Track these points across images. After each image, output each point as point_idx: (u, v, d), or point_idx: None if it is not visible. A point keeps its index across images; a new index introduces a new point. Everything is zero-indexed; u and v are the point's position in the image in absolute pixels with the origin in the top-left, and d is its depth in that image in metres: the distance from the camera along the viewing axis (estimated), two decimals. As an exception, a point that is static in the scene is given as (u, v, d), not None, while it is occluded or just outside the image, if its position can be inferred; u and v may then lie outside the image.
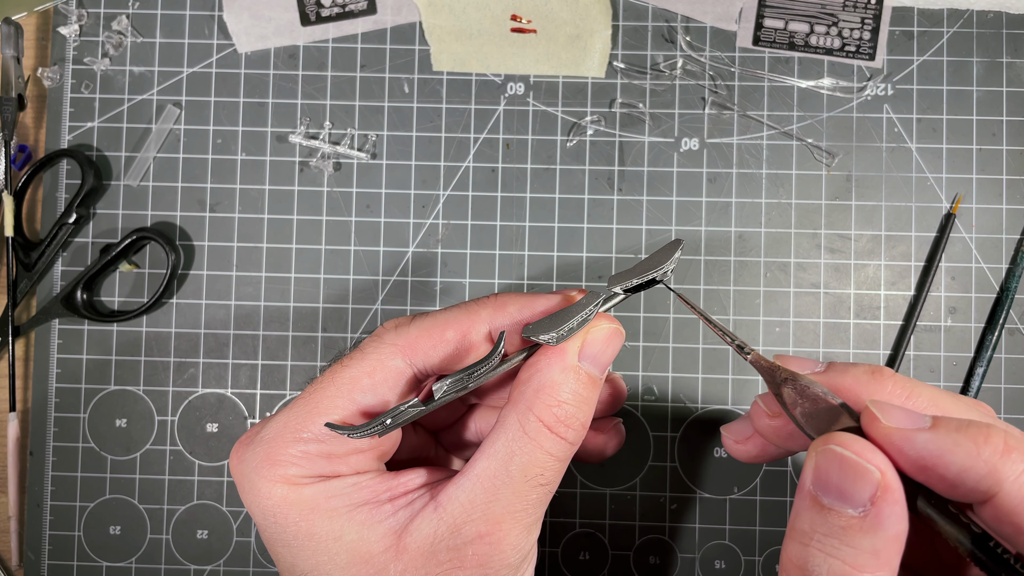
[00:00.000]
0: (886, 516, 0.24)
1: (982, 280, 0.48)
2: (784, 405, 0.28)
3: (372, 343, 0.31)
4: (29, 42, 0.50)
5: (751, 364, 0.30)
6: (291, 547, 0.29)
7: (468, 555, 0.28)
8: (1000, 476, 0.23)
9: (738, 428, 0.34)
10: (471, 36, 0.49)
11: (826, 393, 0.27)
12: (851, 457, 0.24)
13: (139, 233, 0.48)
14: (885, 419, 0.25)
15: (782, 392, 0.28)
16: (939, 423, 0.24)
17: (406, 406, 0.28)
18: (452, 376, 0.28)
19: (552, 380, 0.29)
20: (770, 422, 0.31)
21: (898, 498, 0.24)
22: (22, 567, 0.48)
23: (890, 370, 0.28)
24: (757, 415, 0.32)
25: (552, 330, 0.28)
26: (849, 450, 0.25)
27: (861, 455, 0.24)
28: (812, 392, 0.28)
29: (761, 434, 0.32)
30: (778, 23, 0.49)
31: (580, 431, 0.30)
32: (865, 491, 0.24)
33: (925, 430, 0.24)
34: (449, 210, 0.49)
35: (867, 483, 0.24)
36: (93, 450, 0.49)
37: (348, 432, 0.28)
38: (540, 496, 0.29)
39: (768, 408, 0.31)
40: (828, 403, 0.27)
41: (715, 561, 0.48)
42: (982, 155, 0.48)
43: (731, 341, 0.31)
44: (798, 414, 0.28)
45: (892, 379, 0.28)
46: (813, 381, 0.28)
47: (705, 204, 0.49)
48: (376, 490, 0.29)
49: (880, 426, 0.25)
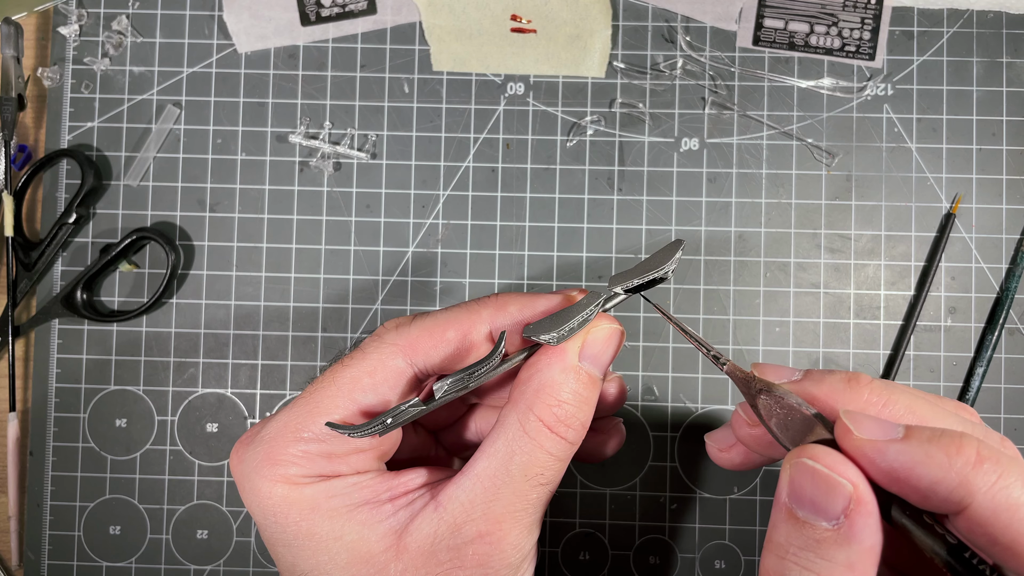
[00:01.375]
0: (859, 529, 0.24)
1: (982, 280, 0.48)
2: (759, 415, 0.28)
3: (373, 343, 0.31)
4: (29, 42, 0.50)
5: (727, 375, 0.30)
6: (291, 547, 0.29)
7: (468, 554, 0.28)
8: (972, 487, 0.23)
9: (721, 436, 0.34)
10: (471, 36, 0.49)
11: (800, 404, 0.27)
12: (823, 471, 0.24)
13: (139, 233, 0.48)
14: (857, 430, 0.25)
15: (757, 402, 0.28)
16: (911, 433, 0.24)
17: (407, 405, 0.28)
18: (453, 376, 0.29)
19: (552, 380, 0.29)
20: (750, 431, 0.31)
21: (871, 510, 0.24)
22: (22, 567, 0.48)
23: (867, 377, 0.28)
24: (738, 424, 0.31)
25: (553, 330, 0.29)
26: (821, 463, 0.24)
27: (833, 468, 0.24)
28: (787, 402, 0.27)
29: (743, 442, 0.32)
30: (778, 23, 0.49)
31: (580, 431, 0.30)
32: (838, 504, 0.24)
33: (897, 441, 0.24)
34: (449, 210, 0.49)
35: (839, 496, 0.24)
36: (93, 450, 0.49)
37: (349, 431, 0.28)
38: (540, 496, 0.29)
39: (747, 417, 0.31)
40: (803, 413, 0.27)
41: (715, 561, 0.48)
42: (982, 155, 0.48)
43: (707, 352, 0.30)
44: (773, 424, 0.27)
45: (869, 387, 0.28)
46: (788, 391, 0.28)
47: (705, 204, 0.49)
48: (376, 490, 0.29)
49: (852, 438, 0.25)
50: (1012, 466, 0.23)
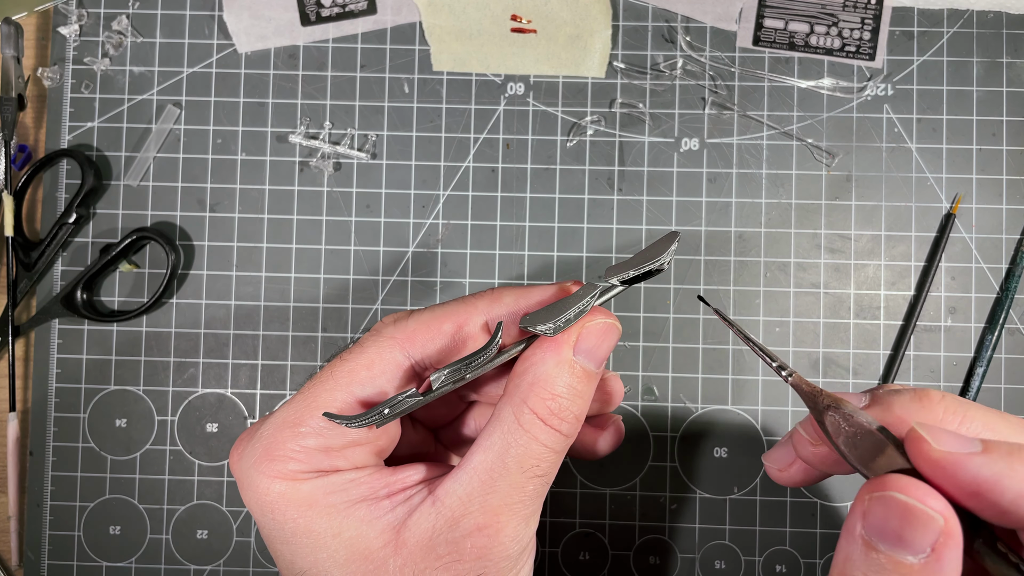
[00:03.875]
0: (947, 562, 0.23)
1: (982, 280, 0.48)
2: (827, 433, 0.27)
3: (371, 337, 0.31)
4: (29, 42, 0.50)
5: (792, 387, 0.29)
6: (290, 544, 0.29)
7: (467, 548, 0.28)
8: None
9: (779, 456, 0.33)
10: (471, 36, 0.49)
11: (871, 422, 0.26)
12: (914, 505, 0.23)
13: (139, 233, 0.48)
14: (935, 442, 0.24)
15: (825, 419, 0.27)
16: (991, 447, 0.23)
17: (404, 396, 0.28)
18: (450, 366, 0.29)
19: (547, 374, 0.29)
20: (813, 449, 0.30)
21: (959, 542, 0.23)
22: (22, 567, 0.48)
23: (939, 393, 0.27)
24: (799, 442, 0.31)
25: (549, 320, 0.29)
26: (911, 496, 0.23)
27: (923, 501, 0.23)
28: (856, 420, 0.26)
29: (804, 460, 0.31)
30: (778, 23, 0.49)
31: (575, 423, 0.30)
32: (927, 539, 0.23)
33: (978, 455, 0.23)
34: (449, 210, 0.49)
35: (930, 530, 0.23)
36: (93, 450, 0.49)
37: (346, 421, 0.28)
38: (537, 487, 0.29)
39: (810, 436, 0.30)
40: (873, 433, 0.26)
41: (715, 561, 0.48)
42: (982, 155, 0.48)
43: (771, 362, 0.30)
44: (841, 443, 0.26)
45: (942, 403, 0.27)
46: (857, 409, 0.27)
47: (705, 204, 0.49)
48: (374, 486, 0.29)
49: (929, 450, 0.24)
50: None
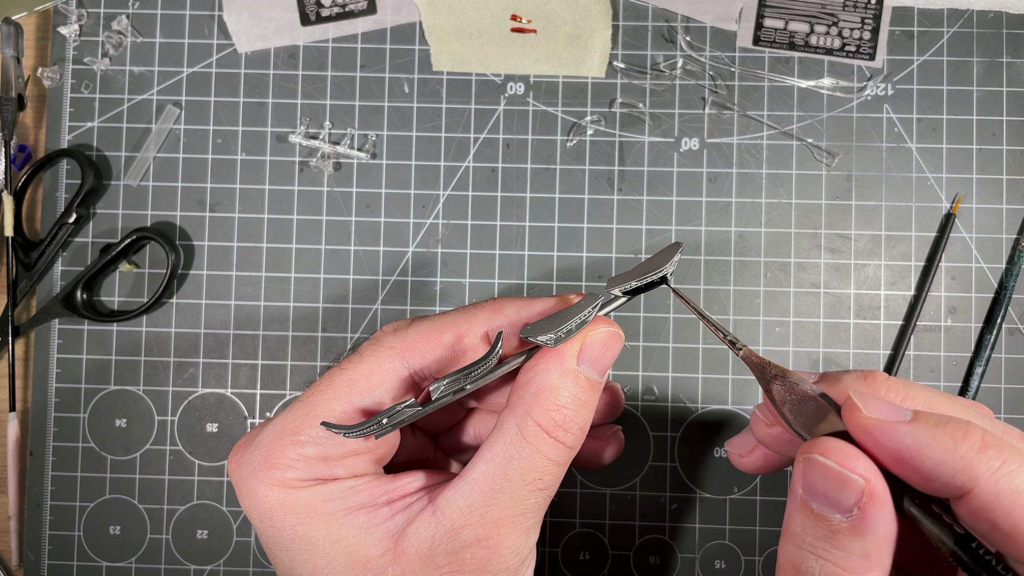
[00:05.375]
0: (873, 520, 0.24)
1: (982, 280, 0.48)
2: (773, 402, 0.28)
3: (370, 347, 0.31)
4: (29, 42, 0.50)
5: (742, 360, 0.30)
6: (288, 551, 0.29)
7: (466, 559, 0.28)
8: (975, 472, 0.23)
9: (740, 442, 0.34)
10: (471, 36, 0.49)
11: (815, 391, 0.27)
12: (833, 467, 0.25)
13: (139, 233, 0.48)
14: (866, 409, 0.25)
15: (771, 388, 0.28)
16: (919, 417, 0.25)
17: (402, 406, 0.28)
18: (449, 376, 0.28)
19: (551, 384, 0.29)
20: (768, 430, 0.31)
21: (884, 502, 0.24)
22: (22, 567, 0.48)
23: (884, 374, 0.28)
24: (756, 424, 0.32)
25: (550, 331, 0.28)
26: (832, 459, 0.25)
27: (844, 464, 0.25)
28: (801, 389, 0.28)
29: (762, 443, 0.32)
30: (778, 23, 0.49)
31: (579, 435, 0.30)
32: (850, 499, 0.24)
33: (904, 423, 0.25)
34: (449, 210, 0.49)
35: (851, 491, 0.24)
36: (93, 450, 0.49)
37: (344, 431, 0.28)
38: (539, 500, 0.29)
39: (765, 417, 0.31)
40: (817, 400, 0.27)
41: (715, 561, 0.48)
42: (982, 155, 0.48)
43: (723, 336, 0.31)
44: (787, 411, 0.28)
45: (886, 382, 0.28)
46: (803, 378, 0.28)
47: (705, 204, 0.49)
48: (373, 493, 0.29)
49: (860, 416, 0.25)
50: (1015, 454, 0.23)
